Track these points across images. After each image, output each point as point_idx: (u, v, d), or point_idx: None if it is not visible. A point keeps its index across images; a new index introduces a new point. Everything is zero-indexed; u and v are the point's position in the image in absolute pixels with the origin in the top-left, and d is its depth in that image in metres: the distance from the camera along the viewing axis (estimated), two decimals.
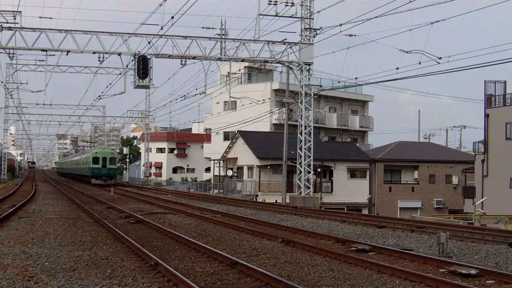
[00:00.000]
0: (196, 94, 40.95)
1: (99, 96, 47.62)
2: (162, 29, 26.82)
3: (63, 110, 71.25)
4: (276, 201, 41.77)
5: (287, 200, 38.16)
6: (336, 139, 64.96)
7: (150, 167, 78.23)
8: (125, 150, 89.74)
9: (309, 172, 32.91)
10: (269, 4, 31.39)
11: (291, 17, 32.04)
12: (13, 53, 31.75)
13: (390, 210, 51.88)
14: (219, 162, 57.11)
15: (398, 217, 42.70)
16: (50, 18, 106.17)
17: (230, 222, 21.80)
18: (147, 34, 30.07)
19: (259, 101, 42.21)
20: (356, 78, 32.67)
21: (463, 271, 11.56)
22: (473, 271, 11.52)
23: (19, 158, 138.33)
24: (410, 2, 21.90)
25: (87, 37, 29.92)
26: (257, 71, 60.62)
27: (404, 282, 10.93)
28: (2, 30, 28.74)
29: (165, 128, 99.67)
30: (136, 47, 30.26)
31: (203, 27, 32.84)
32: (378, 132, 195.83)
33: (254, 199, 45.12)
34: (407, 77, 26.76)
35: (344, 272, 11.91)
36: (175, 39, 30.60)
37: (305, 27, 32.13)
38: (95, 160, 59.55)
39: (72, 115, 70.96)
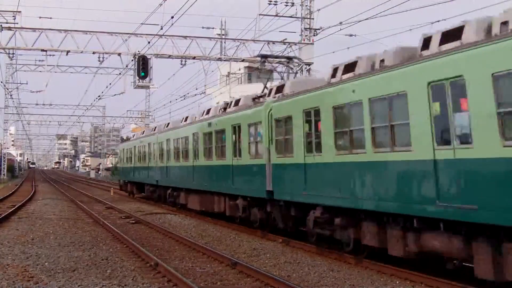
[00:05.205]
0: (196, 94, 40.93)
1: (99, 96, 47.56)
2: (162, 29, 26.75)
3: (63, 110, 71.64)
4: None
5: None
6: None
7: None
8: None
9: None
10: (269, 4, 31.42)
11: (291, 17, 32.06)
12: (13, 53, 31.72)
13: None
14: None
15: None
16: (50, 18, 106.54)
17: (229, 221, 21.77)
18: (147, 34, 30.03)
19: None
20: None
21: None
22: None
23: (19, 158, 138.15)
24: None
25: (87, 37, 29.89)
26: (257, 71, 60.52)
27: (405, 283, 10.91)
28: (2, 30, 28.69)
29: None
30: (136, 47, 30.26)
31: (203, 27, 32.98)
32: None
33: None
34: None
35: (344, 272, 11.88)
36: (175, 39, 30.58)
37: (305, 27, 32.13)
38: None
39: (72, 115, 71.12)
